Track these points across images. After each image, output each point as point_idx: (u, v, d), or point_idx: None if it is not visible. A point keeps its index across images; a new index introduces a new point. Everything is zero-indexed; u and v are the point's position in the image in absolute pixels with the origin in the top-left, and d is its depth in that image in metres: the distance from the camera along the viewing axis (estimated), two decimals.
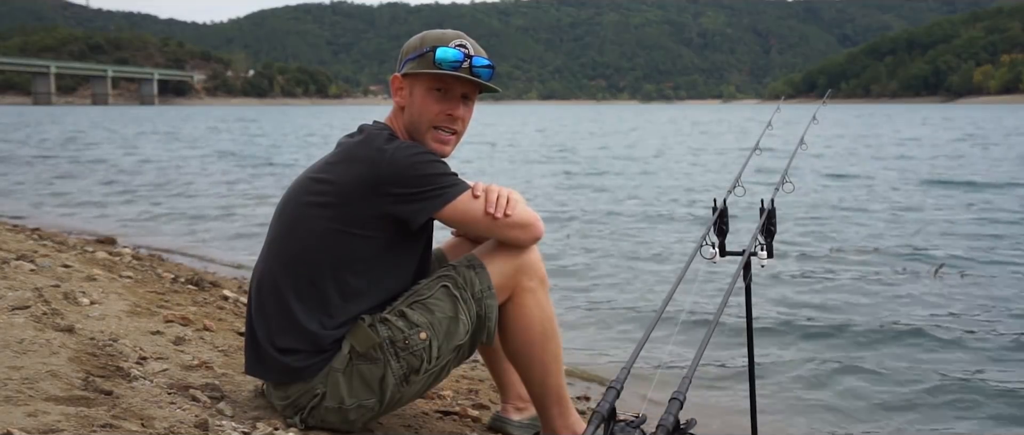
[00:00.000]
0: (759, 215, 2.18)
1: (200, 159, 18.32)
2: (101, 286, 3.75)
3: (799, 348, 4.16)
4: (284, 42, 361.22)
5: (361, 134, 2.18)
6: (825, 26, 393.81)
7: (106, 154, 19.73)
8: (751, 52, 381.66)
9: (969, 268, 6.01)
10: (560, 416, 2.30)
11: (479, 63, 2.17)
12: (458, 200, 2.12)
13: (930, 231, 7.83)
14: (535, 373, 2.26)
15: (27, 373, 2.19)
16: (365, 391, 2.13)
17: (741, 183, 2.36)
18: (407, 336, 2.12)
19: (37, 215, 8.93)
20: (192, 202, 10.45)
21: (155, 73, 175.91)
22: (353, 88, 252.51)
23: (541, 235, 2.21)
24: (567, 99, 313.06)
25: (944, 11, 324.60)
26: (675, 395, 1.33)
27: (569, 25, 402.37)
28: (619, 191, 11.76)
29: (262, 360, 2.17)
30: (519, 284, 2.20)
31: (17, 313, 2.86)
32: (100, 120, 50.65)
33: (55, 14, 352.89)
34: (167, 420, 2.06)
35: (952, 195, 10.81)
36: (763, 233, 2.14)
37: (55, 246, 5.35)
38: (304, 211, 2.15)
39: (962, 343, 4.20)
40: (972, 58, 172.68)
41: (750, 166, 2.52)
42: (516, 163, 14.34)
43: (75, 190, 11.74)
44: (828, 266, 6.13)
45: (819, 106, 3.20)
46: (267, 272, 2.18)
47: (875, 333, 4.37)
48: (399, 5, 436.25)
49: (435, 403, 2.86)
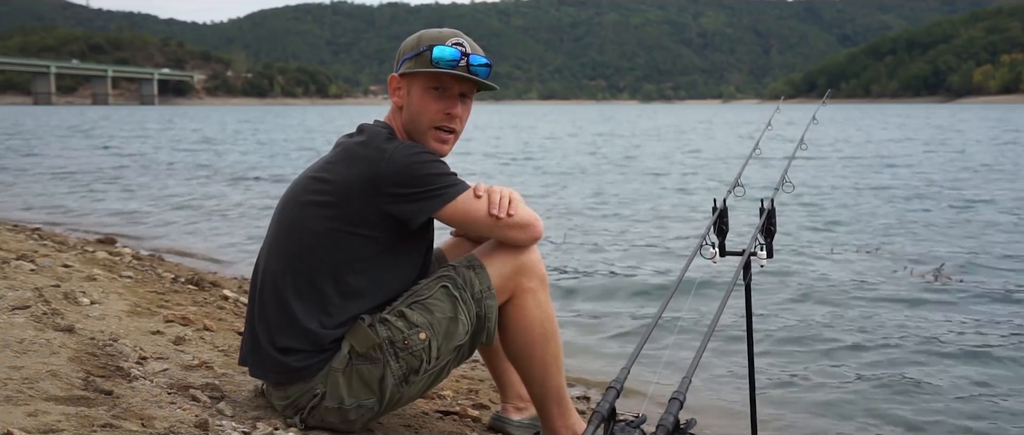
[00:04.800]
0: (759, 215, 2.18)
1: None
2: (101, 286, 3.75)
3: (799, 348, 4.16)
4: (284, 42, 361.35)
5: (361, 134, 2.18)
6: (825, 26, 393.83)
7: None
8: (751, 52, 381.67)
9: (969, 268, 6.01)
10: (560, 416, 2.30)
11: (476, 62, 2.17)
12: (458, 200, 2.12)
13: (930, 231, 7.83)
14: (535, 373, 2.26)
15: (27, 373, 2.19)
16: (365, 391, 2.13)
17: (741, 183, 2.36)
18: (407, 336, 2.12)
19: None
20: (189, 199, 10.45)
21: (155, 73, 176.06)
22: (353, 88, 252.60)
23: (541, 235, 2.21)
24: (567, 99, 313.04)
25: (944, 11, 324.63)
26: (675, 395, 1.33)
27: (569, 25, 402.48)
28: (619, 191, 11.76)
29: (262, 360, 2.17)
30: (519, 284, 2.20)
31: (17, 313, 2.86)
32: (97, 120, 50.65)
33: (55, 14, 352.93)
34: (167, 420, 2.06)
35: (952, 195, 10.80)
36: (763, 233, 2.14)
37: (55, 246, 5.35)
38: (304, 210, 2.15)
39: (962, 344, 4.19)
40: (972, 58, 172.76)
41: (750, 166, 2.52)
42: (539, 174, 14.31)
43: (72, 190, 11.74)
44: (828, 266, 6.13)
45: (819, 106, 3.20)
46: (267, 271, 2.18)
47: (875, 334, 4.37)
48: (399, 5, 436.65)
49: (435, 403, 2.86)
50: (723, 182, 12.48)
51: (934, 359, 3.96)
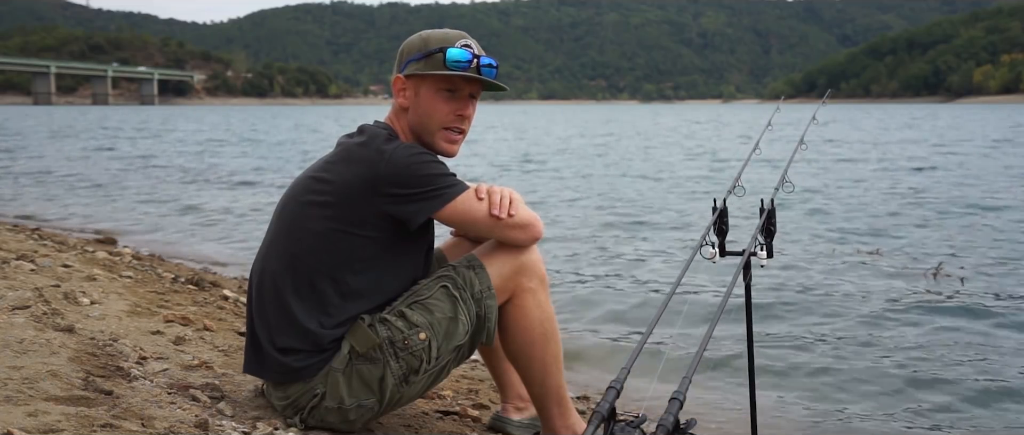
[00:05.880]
0: (759, 215, 2.18)
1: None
2: (101, 286, 3.75)
3: (799, 348, 4.16)
4: (284, 42, 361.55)
5: (361, 134, 2.18)
6: (825, 26, 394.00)
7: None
8: (751, 52, 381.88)
9: (968, 268, 6.01)
10: (560, 416, 2.30)
11: (486, 62, 2.19)
12: (457, 200, 2.12)
13: (930, 231, 7.83)
14: (535, 373, 2.26)
15: (27, 373, 2.19)
16: (365, 391, 2.13)
17: (741, 183, 2.36)
18: (407, 336, 2.12)
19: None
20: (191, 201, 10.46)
21: (155, 73, 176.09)
22: (353, 88, 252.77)
23: (541, 235, 2.22)
24: (567, 99, 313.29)
25: (944, 11, 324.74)
26: (675, 395, 1.33)
27: (569, 25, 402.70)
28: (619, 190, 11.76)
29: (262, 360, 2.17)
30: (519, 284, 2.20)
31: (17, 313, 2.86)
32: (97, 120, 50.67)
33: (55, 14, 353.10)
34: (167, 420, 2.06)
35: (952, 194, 10.81)
36: (763, 233, 2.14)
37: (55, 246, 5.36)
38: (304, 210, 2.15)
39: (963, 343, 4.20)
40: (972, 58, 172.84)
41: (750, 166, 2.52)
42: (548, 177, 14.30)
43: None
44: (828, 266, 6.13)
45: (819, 106, 3.20)
46: (267, 271, 2.18)
47: (875, 334, 4.37)
48: (399, 5, 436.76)
49: (435, 403, 2.86)
50: (723, 183, 12.48)
51: (934, 358, 3.96)
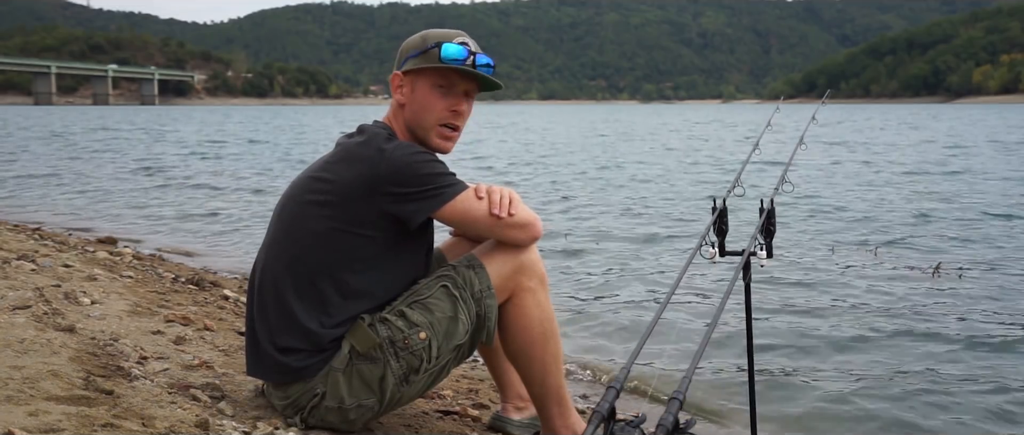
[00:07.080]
0: (759, 215, 2.18)
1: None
2: (102, 286, 3.75)
3: (799, 348, 4.16)
4: (284, 42, 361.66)
5: (361, 134, 2.19)
6: (825, 26, 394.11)
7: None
8: (751, 52, 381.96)
9: (968, 268, 6.01)
10: (560, 416, 2.31)
11: (482, 61, 2.19)
12: (457, 200, 2.12)
13: (931, 230, 7.83)
14: (535, 373, 2.26)
15: (28, 373, 2.19)
16: (365, 391, 2.14)
17: (741, 183, 2.37)
18: (407, 336, 2.12)
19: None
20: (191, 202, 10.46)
21: (156, 73, 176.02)
22: (353, 88, 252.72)
23: (540, 235, 2.22)
24: (567, 99, 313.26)
25: (944, 11, 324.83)
26: (675, 395, 1.33)
27: (569, 25, 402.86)
28: (619, 189, 11.76)
29: (262, 360, 2.17)
30: (519, 284, 2.21)
31: (18, 313, 2.87)
32: (98, 121, 50.67)
33: (55, 14, 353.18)
34: (168, 420, 2.07)
35: (951, 194, 10.80)
36: (763, 233, 2.15)
37: (56, 246, 5.36)
38: (304, 210, 2.15)
39: (962, 343, 4.19)
40: (972, 58, 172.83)
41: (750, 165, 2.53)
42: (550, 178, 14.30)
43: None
44: (828, 266, 6.13)
45: (819, 106, 3.20)
46: (267, 271, 2.19)
47: (875, 334, 4.36)
48: (399, 5, 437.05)
49: (435, 403, 2.86)
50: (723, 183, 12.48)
51: (935, 358, 3.96)
